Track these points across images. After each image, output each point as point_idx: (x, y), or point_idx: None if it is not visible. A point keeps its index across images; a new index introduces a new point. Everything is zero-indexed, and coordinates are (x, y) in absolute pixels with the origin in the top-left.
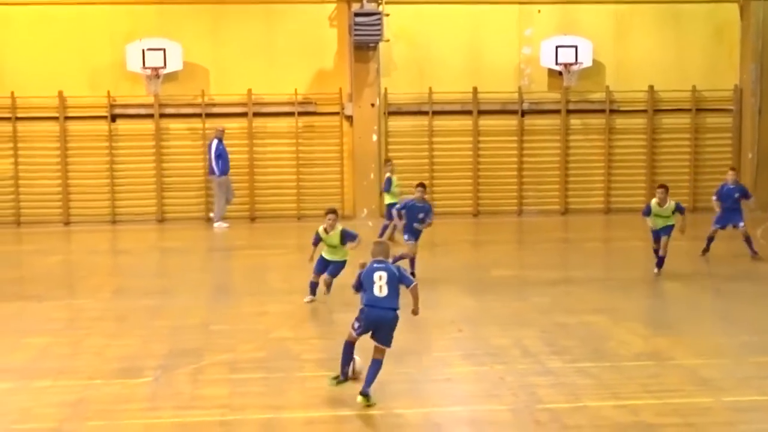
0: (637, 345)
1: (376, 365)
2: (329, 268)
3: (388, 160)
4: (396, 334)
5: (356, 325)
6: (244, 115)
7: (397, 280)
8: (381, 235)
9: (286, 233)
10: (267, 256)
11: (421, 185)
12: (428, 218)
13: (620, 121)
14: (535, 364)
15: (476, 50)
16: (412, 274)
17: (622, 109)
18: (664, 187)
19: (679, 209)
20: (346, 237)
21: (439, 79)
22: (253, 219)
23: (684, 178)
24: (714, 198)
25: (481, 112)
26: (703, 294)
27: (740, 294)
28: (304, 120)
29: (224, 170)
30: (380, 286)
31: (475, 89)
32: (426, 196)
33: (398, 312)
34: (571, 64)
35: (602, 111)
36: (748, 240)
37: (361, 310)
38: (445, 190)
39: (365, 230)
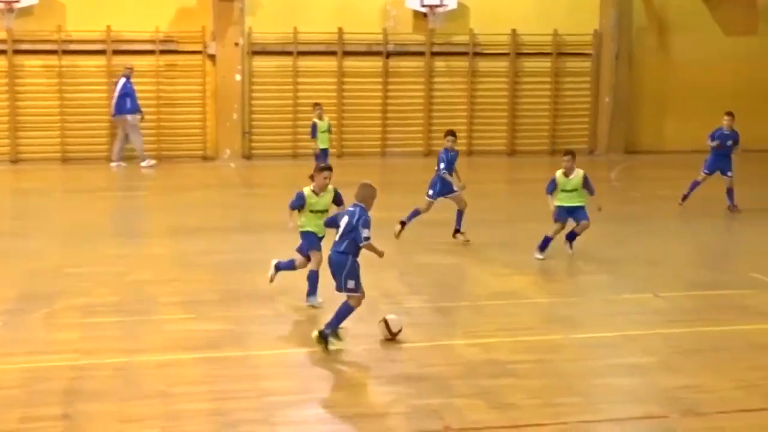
0: (494, 284)
1: (340, 308)
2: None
3: (317, 104)
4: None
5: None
6: (102, 52)
7: (351, 229)
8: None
9: (146, 175)
10: (127, 198)
11: (451, 133)
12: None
13: (483, 64)
14: (394, 305)
15: None
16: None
17: (485, 52)
18: (571, 153)
19: (587, 187)
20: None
21: (304, 19)
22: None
23: (544, 122)
24: (710, 142)
25: (346, 53)
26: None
27: (607, 235)
28: (165, 59)
29: (134, 109)
30: (339, 232)
31: (340, 30)
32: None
33: (350, 257)
34: (436, 6)
35: (466, 54)
36: (730, 192)
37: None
38: (309, 132)
39: (228, 171)
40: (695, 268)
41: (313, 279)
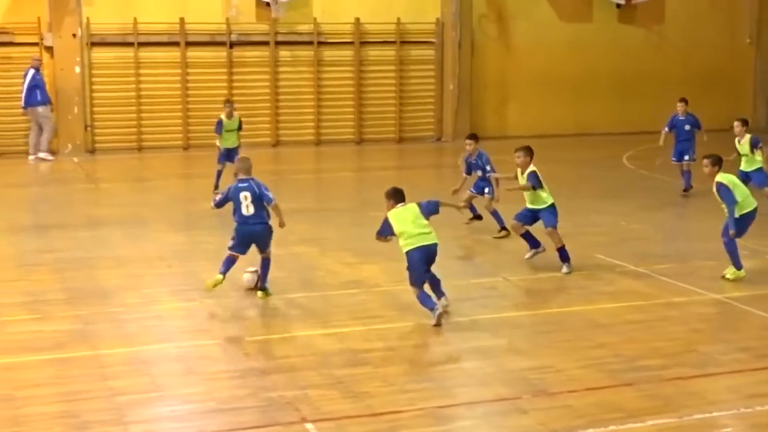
0: (344, 274)
1: (265, 263)
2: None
3: (228, 101)
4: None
5: (231, 243)
6: None
7: (258, 198)
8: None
9: None
10: None
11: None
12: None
13: (328, 53)
14: (246, 298)
15: None
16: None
17: (329, 41)
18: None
19: (533, 180)
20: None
21: (144, 8)
22: None
23: (391, 110)
24: (665, 129)
25: (189, 44)
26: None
27: (457, 221)
28: (0, 51)
29: (45, 100)
30: (246, 206)
31: (182, 20)
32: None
33: (270, 223)
34: None
35: (310, 43)
36: (687, 174)
37: (235, 229)
38: (155, 123)
39: (70, 165)
40: (541, 252)
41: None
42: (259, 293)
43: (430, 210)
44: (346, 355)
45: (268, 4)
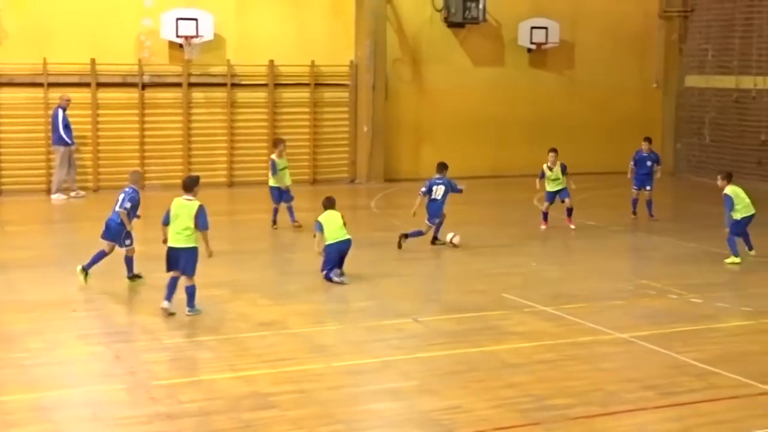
0: (255, 316)
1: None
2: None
3: (278, 140)
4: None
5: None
6: None
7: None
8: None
9: None
10: None
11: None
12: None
13: (242, 95)
14: (153, 341)
15: (95, 20)
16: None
17: (243, 83)
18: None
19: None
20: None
21: (55, 49)
22: None
23: (305, 152)
24: (631, 164)
25: (100, 85)
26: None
27: (369, 262)
28: None
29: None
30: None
31: (93, 61)
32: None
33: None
34: (192, 37)
35: (224, 85)
36: (649, 204)
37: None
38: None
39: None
40: (453, 292)
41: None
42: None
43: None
44: (255, 399)
45: (181, 45)
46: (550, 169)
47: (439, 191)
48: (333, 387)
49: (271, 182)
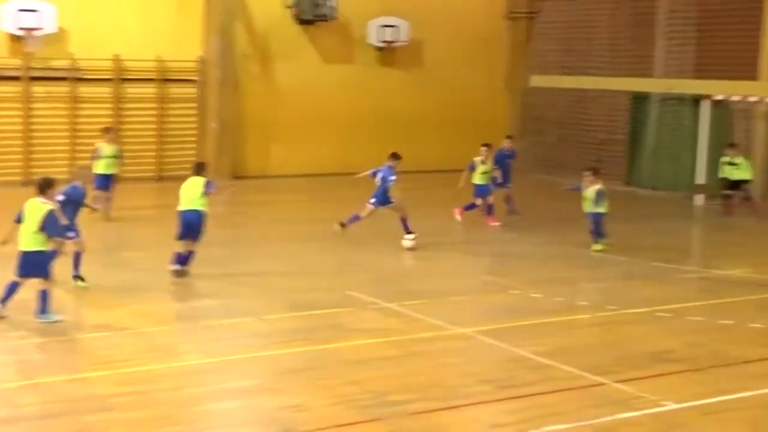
0: (94, 317)
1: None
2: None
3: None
4: None
5: None
6: None
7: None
8: None
9: None
10: None
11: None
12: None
13: (85, 90)
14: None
15: None
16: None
17: (87, 77)
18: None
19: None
20: None
21: None
22: None
23: (151, 148)
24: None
25: None
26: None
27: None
28: None
29: None
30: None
31: None
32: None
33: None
34: (33, 29)
35: (67, 79)
36: (509, 199)
37: None
38: None
39: None
40: (298, 290)
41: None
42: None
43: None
44: (93, 401)
45: (21, 37)
46: (483, 162)
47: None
48: (173, 388)
49: (98, 169)
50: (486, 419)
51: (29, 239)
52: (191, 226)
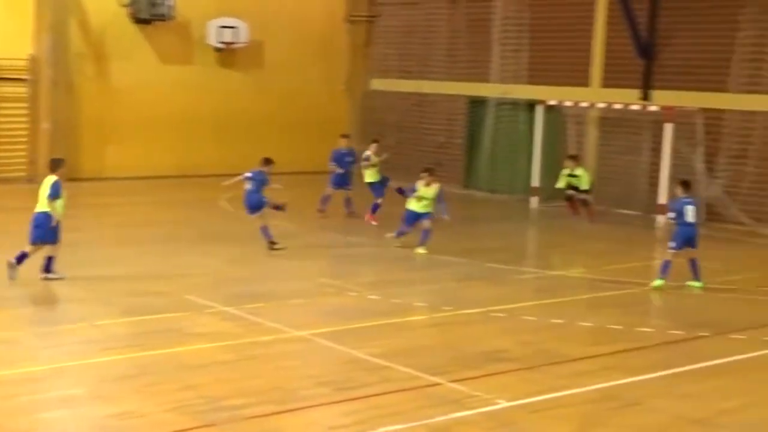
0: None
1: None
2: None
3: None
4: None
5: None
6: None
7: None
8: None
9: None
10: None
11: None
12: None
13: None
14: None
15: None
16: None
17: None
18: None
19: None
20: None
21: None
22: None
23: None
24: (332, 163)
25: None
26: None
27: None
28: None
29: None
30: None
31: None
32: None
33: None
34: None
35: None
36: (348, 201)
37: None
38: None
39: None
40: (133, 294)
41: None
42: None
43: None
44: None
45: None
46: (377, 155)
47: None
48: (5, 396)
49: None
50: (323, 421)
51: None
52: (36, 229)
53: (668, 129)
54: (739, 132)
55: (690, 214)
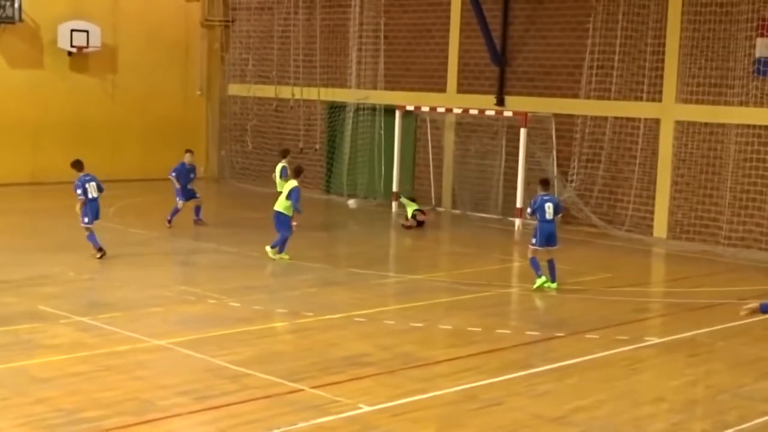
0: None
1: None
2: None
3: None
4: None
5: None
6: None
7: None
8: None
9: None
10: None
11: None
12: None
13: None
14: None
15: None
16: None
17: None
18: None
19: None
20: None
21: None
22: None
23: None
24: (172, 175)
25: None
26: None
27: None
28: None
29: None
30: None
31: None
32: None
33: None
34: None
35: None
36: (198, 209)
37: None
38: None
39: None
40: None
41: None
42: None
43: None
44: None
45: None
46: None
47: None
48: None
49: None
50: None
51: None
52: None
53: (523, 134)
54: (590, 137)
55: (548, 211)
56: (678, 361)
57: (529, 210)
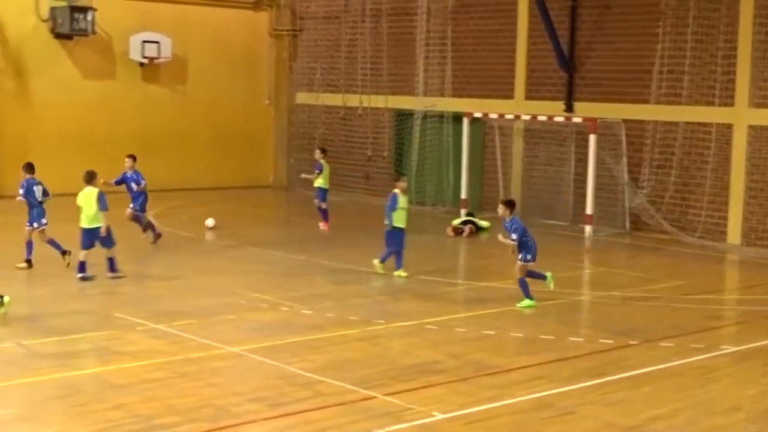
0: None
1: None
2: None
3: None
4: None
5: None
6: None
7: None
8: None
9: None
10: None
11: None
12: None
13: None
14: None
15: None
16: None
17: None
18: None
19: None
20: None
21: None
22: None
23: None
24: (112, 182)
25: None
26: None
27: None
28: None
29: None
30: None
31: None
32: None
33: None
34: None
35: None
36: (150, 225)
37: None
38: None
39: None
40: (59, 314)
41: None
42: None
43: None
44: None
45: None
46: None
47: None
48: None
49: None
50: None
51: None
52: None
53: (592, 140)
54: (661, 142)
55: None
56: (754, 369)
57: (514, 236)
